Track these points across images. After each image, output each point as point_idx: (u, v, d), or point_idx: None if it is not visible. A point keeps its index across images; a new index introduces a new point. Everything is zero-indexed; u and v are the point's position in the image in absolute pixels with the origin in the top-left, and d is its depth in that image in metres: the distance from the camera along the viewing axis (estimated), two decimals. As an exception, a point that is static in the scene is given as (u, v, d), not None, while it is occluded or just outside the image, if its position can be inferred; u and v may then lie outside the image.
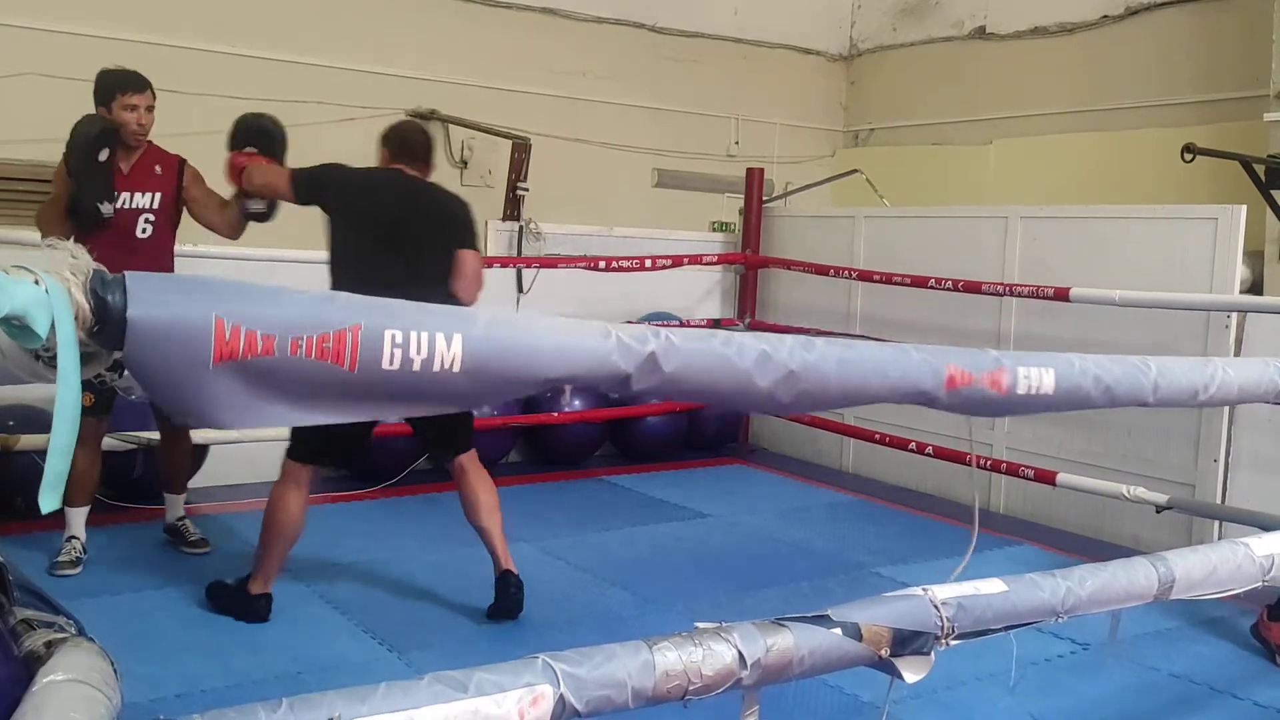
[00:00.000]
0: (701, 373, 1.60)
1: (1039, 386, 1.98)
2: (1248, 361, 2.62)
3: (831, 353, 1.73)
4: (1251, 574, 2.54)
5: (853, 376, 1.76)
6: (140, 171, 4.12)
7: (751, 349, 1.64)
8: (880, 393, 1.81)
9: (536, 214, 6.45)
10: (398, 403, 1.43)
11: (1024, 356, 2.00)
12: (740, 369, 1.63)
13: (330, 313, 1.34)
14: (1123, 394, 2.14)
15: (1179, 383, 2.27)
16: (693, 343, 1.60)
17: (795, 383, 1.67)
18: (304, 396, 1.34)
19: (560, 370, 1.50)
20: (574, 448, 6.43)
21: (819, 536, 5.22)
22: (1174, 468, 5.07)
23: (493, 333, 1.44)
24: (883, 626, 1.95)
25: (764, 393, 1.66)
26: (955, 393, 1.86)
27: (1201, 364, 2.36)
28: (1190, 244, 5.02)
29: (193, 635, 3.60)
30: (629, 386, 1.56)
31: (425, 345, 1.36)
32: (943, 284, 5.69)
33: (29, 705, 1.36)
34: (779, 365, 1.65)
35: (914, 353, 1.86)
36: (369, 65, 6.59)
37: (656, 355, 1.56)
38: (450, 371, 1.39)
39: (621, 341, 1.54)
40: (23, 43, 5.54)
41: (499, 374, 1.45)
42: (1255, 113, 5.63)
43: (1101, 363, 2.14)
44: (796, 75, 8.55)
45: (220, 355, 1.26)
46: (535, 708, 1.56)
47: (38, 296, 1.17)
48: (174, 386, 1.27)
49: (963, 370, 1.87)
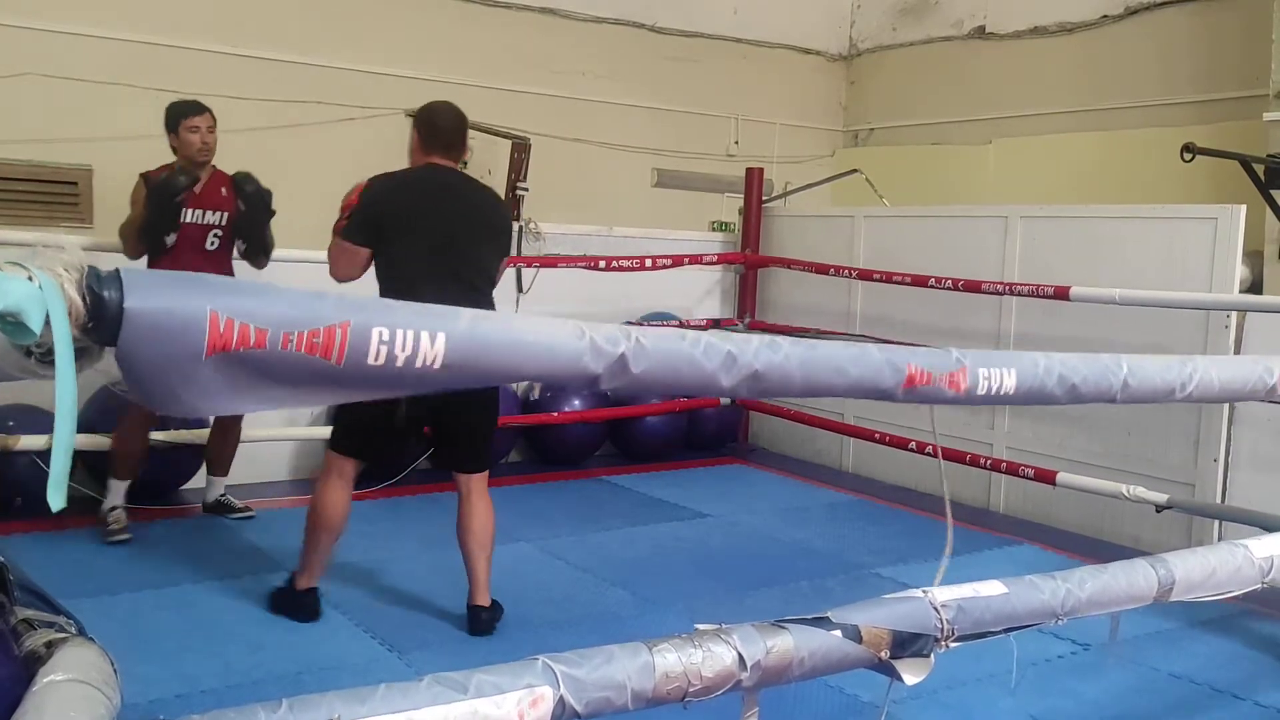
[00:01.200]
0: (668, 373, 1.67)
1: (1000, 387, 2.01)
2: (1234, 359, 2.62)
3: (795, 353, 1.78)
4: (1251, 576, 2.54)
5: (816, 375, 1.83)
6: (209, 192, 4.59)
7: (717, 350, 1.69)
8: (841, 390, 1.88)
9: (536, 214, 6.45)
10: (379, 390, 1.49)
11: (987, 356, 2.03)
12: (706, 370, 1.69)
13: (322, 309, 1.37)
14: (1089, 392, 2.17)
15: (1152, 381, 2.28)
16: (661, 344, 1.65)
17: (759, 382, 1.75)
18: (290, 385, 1.39)
19: (534, 369, 1.55)
20: (574, 448, 6.43)
21: (819, 536, 5.22)
22: (1174, 467, 5.07)
23: (475, 331, 1.49)
24: (882, 628, 1.95)
25: (727, 390, 1.74)
26: (913, 391, 1.91)
27: (1180, 362, 2.36)
28: (1190, 244, 5.02)
29: (193, 635, 3.60)
30: (597, 385, 1.62)
31: (410, 343, 1.41)
32: (943, 283, 5.69)
33: (29, 705, 1.36)
34: (744, 366, 1.71)
35: (876, 352, 1.90)
36: (369, 65, 6.59)
37: (626, 357, 1.60)
38: (431, 368, 1.44)
39: (594, 343, 1.58)
40: (23, 43, 5.54)
41: (477, 370, 1.50)
42: (1255, 112, 5.63)
43: (1068, 362, 2.14)
44: (796, 75, 8.55)
45: (213, 347, 1.29)
46: (535, 709, 1.57)
47: (31, 293, 1.17)
48: (163, 378, 1.29)
49: (922, 370, 1.91)
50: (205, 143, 4.54)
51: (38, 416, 4.69)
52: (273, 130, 6.18)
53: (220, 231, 4.63)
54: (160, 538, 4.62)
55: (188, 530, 4.79)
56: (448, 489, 5.53)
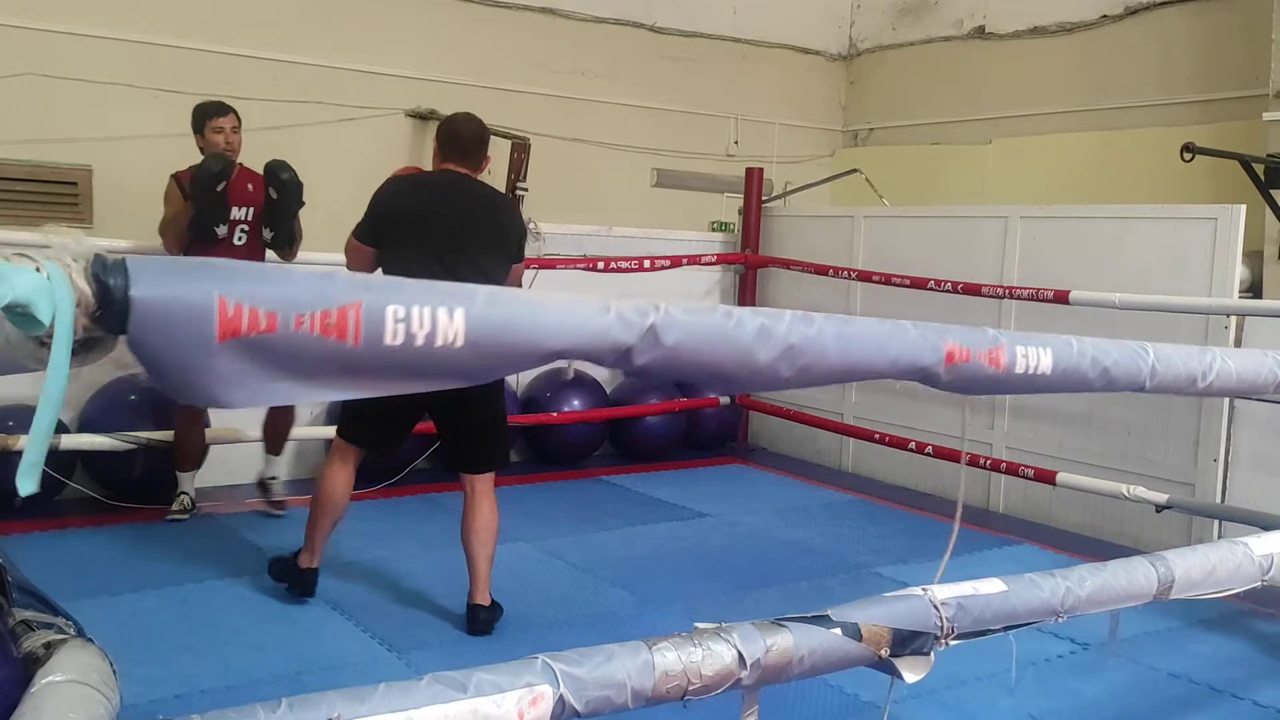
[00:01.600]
0: (704, 345, 1.59)
1: (1037, 366, 1.97)
2: (1247, 352, 2.60)
3: (830, 327, 1.71)
4: (1251, 574, 2.54)
5: (853, 351, 1.74)
6: (237, 188, 4.68)
7: (751, 322, 1.63)
8: (881, 368, 1.79)
9: (536, 214, 6.44)
10: (402, 378, 1.42)
11: (1022, 336, 1.99)
12: (741, 342, 1.61)
13: (332, 289, 1.33)
14: (1120, 376, 2.12)
15: (1177, 369, 2.25)
16: (692, 316, 1.59)
17: (796, 356, 1.66)
18: (308, 373, 1.35)
19: (562, 343, 1.49)
20: (573, 447, 6.43)
21: (818, 536, 5.22)
22: (1173, 467, 5.07)
23: (493, 307, 1.44)
24: (882, 627, 1.95)
25: (765, 366, 1.64)
26: (954, 369, 1.84)
27: (1200, 352, 2.34)
28: (1189, 244, 5.02)
29: (192, 635, 3.60)
30: (631, 360, 1.54)
31: (428, 320, 1.36)
32: (942, 285, 5.69)
33: (28, 706, 1.36)
34: (779, 339, 1.64)
35: (911, 329, 1.84)
36: (368, 65, 6.59)
37: (657, 327, 1.54)
38: (453, 346, 1.38)
39: (622, 315, 1.53)
40: (22, 43, 5.54)
41: (502, 347, 1.44)
42: (1254, 112, 5.63)
43: (1100, 344, 2.12)
44: (796, 75, 8.55)
45: (224, 333, 1.26)
46: (535, 708, 1.57)
47: (40, 284, 1.17)
48: (179, 367, 1.27)
49: (961, 347, 1.85)
50: (229, 143, 4.69)
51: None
52: (272, 130, 6.18)
53: (247, 226, 4.74)
54: (160, 538, 4.61)
55: (188, 530, 4.79)
56: (447, 489, 5.53)
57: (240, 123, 4.77)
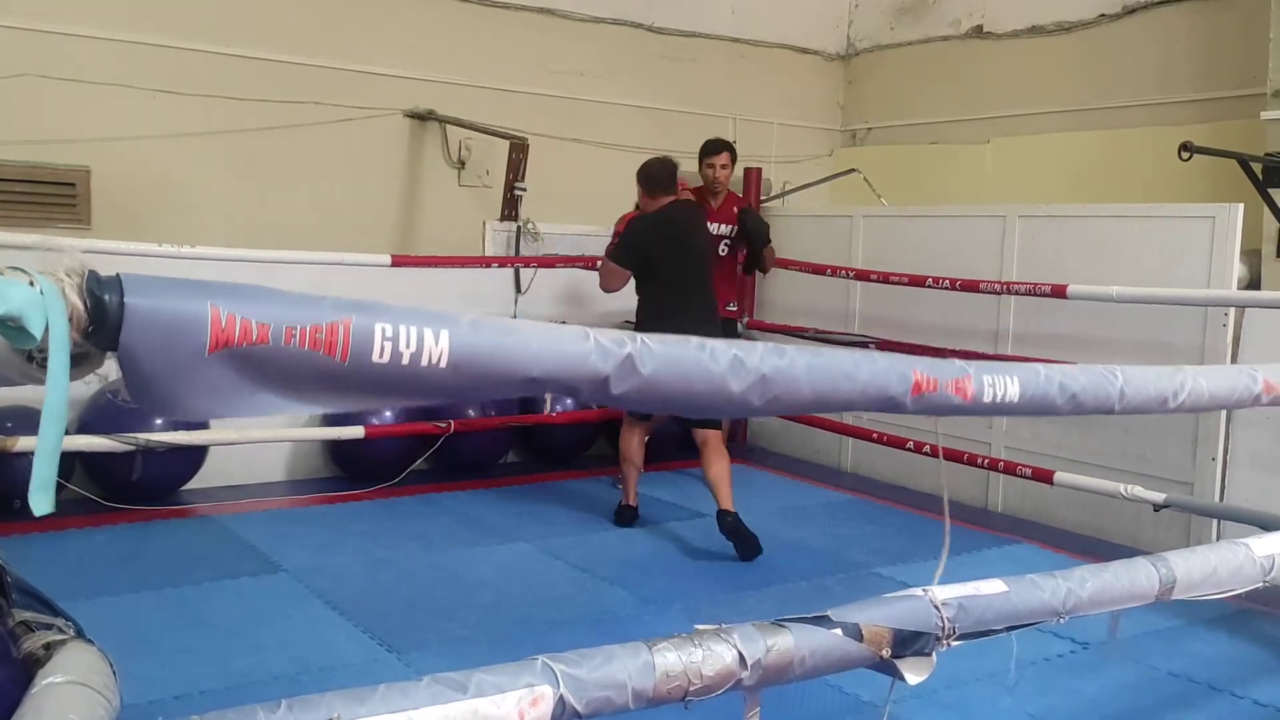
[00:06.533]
0: (678, 375, 1.64)
1: (1004, 395, 2.02)
2: (1222, 369, 2.66)
3: (801, 358, 1.77)
4: (1252, 574, 2.54)
5: (822, 380, 1.80)
6: (723, 210, 6.01)
7: (724, 353, 1.68)
8: (850, 397, 1.85)
9: (534, 214, 6.45)
10: (385, 394, 1.47)
11: (990, 366, 2.05)
12: (715, 373, 1.67)
13: (322, 308, 1.37)
14: (1088, 401, 2.18)
15: (1146, 391, 2.31)
16: (668, 347, 1.63)
17: (768, 387, 1.72)
18: (294, 385, 1.38)
19: (541, 369, 1.54)
20: (572, 448, 6.42)
21: (818, 536, 5.22)
22: (1172, 466, 5.07)
23: (477, 331, 1.48)
24: (883, 627, 1.95)
25: (739, 396, 1.70)
26: (921, 399, 1.90)
27: (1171, 372, 2.39)
28: (1188, 242, 5.02)
29: (192, 636, 3.59)
30: (608, 389, 1.59)
31: (414, 340, 1.41)
32: (940, 283, 5.69)
33: (28, 707, 1.36)
34: (751, 370, 1.70)
35: (880, 359, 1.90)
36: (367, 65, 6.58)
37: (634, 357, 1.59)
38: (437, 367, 1.43)
39: (600, 344, 1.57)
40: (21, 43, 5.53)
41: (484, 371, 1.49)
42: (1252, 111, 5.63)
43: (1067, 371, 2.18)
44: (794, 75, 8.54)
45: (216, 343, 1.29)
46: (535, 709, 1.56)
47: (32, 298, 1.17)
48: (166, 378, 1.29)
49: (928, 377, 1.91)
50: (718, 177, 5.85)
51: (37, 418, 4.67)
52: (272, 130, 6.18)
53: (728, 242, 6.05)
54: (160, 537, 4.61)
55: (188, 530, 4.79)
56: (447, 489, 5.54)
57: (731, 161, 5.85)
